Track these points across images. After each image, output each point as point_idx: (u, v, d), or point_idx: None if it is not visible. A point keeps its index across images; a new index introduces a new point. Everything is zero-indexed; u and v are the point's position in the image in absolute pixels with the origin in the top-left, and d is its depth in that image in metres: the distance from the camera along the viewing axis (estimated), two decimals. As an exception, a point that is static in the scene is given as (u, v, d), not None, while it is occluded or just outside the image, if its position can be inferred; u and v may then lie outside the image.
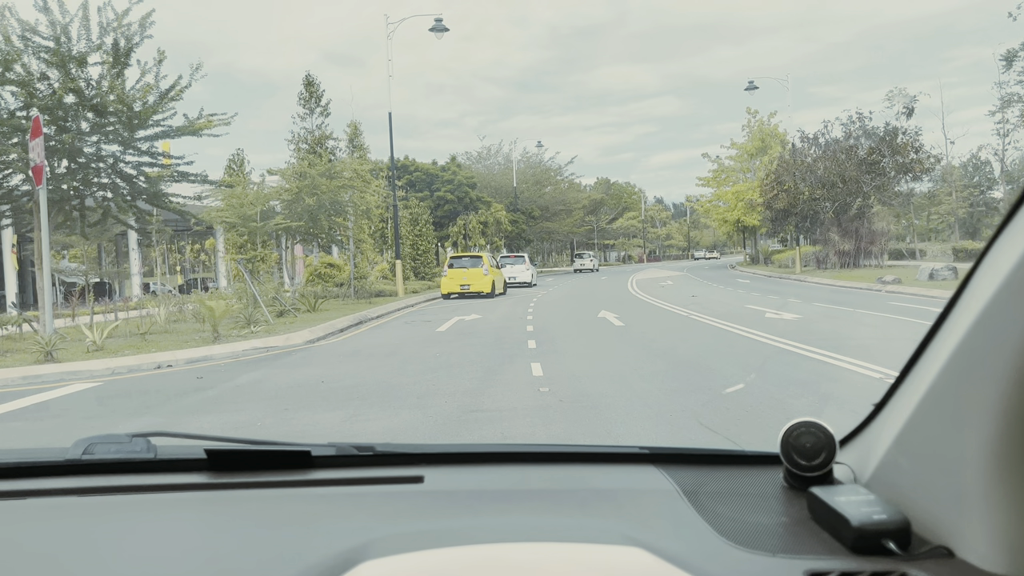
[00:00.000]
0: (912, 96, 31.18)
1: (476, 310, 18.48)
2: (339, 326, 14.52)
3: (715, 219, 57.74)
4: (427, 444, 1.79)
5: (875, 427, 1.11)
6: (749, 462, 1.32)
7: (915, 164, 31.03)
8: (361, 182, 20.33)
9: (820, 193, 32.99)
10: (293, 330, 13.46)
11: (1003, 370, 0.80)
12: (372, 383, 7.80)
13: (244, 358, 10.42)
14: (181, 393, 7.82)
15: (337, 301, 22.46)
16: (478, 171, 52.77)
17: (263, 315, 15.20)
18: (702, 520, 1.08)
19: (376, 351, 10.68)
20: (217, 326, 12.09)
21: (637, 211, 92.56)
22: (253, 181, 19.71)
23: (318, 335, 12.90)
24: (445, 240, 45.59)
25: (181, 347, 11.16)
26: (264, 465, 1.30)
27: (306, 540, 1.02)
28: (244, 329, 13.59)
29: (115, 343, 12.10)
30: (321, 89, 26.11)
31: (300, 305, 18.56)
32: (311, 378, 8.28)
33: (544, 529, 1.05)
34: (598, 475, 1.31)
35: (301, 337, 12.40)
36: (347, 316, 16.42)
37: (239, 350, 10.99)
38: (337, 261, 25.66)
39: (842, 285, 24.46)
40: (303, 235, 19.59)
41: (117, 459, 1.27)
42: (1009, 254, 0.79)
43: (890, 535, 0.92)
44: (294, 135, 25.46)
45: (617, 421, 5.55)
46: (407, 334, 13.13)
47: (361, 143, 25.85)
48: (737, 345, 9.84)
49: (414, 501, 1.18)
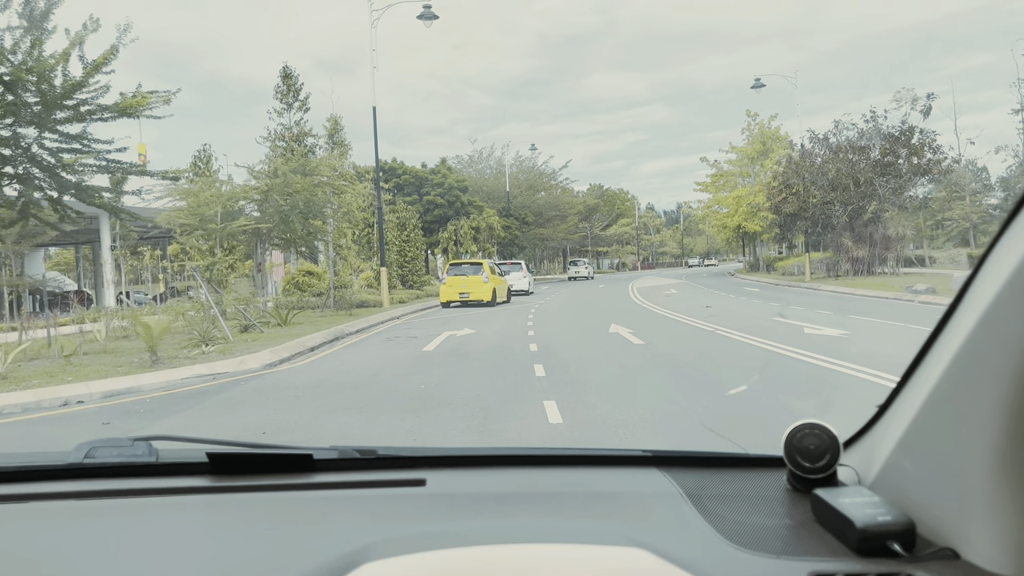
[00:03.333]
0: (929, 93, 29.39)
1: (470, 323, 16.44)
2: (309, 344, 12.43)
3: (714, 225, 55.94)
4: (429, 447, 1.44)
5: (879, 429, 1.10)
6: (752, 464, 1.31)
7: (933, 165, 29.23)
8: (340, 180, 18.26)
9: (832, 196, 31.15)
10: (254, 349, 11.38)
11: (1006, 371, 0.79)
12: (330, 434, 5.76)
13: (178, 390, 8.34)
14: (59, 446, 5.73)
15: (314, 313, 20.33)
16: (469, 175, 50.79)
17: (222, 331, 13.10)
18: (705, 522, 1.07)
19: (345, 380, 8.62)
20: (155, 347, 9.99)
21: (631, 218, 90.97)
22: (221, 180, 17.57)
23: (281, 356, 10.82)
24: (435, 246, 43.52)
25: (108, 374, 9.06)
26: (266, 468, 1.29)
27: (308, 543, 1.02)
28: (195, 349, 11.50)
29: (32, 368, 9.99)
30: (300, 82, 24.07)
31: (271, 318, 16.46)
32: (247, 427, 6.21)
33: (547, 531, 1.05)
34: (601, 478, 1.31)
35: (259, 359, 10.32)
36: (321, 331, 14.33)
37: (176, 379, 8.89)
38: (317, 269, 23.52)
39: (863, 294, 22.57)
40: (275, 239, 17.46)
41: (119, 463, 1.27)
42: (1011, 255, 0.79)
43: (895, 537, 0.91)
44: (270, 132, 23.36)
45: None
46: (387, 355, 11.07)
47: (342, 139, 23.76)
48: (794, 372, 7.88)
49: (416, 504, 1.19)
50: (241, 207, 16.85)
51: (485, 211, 42.65)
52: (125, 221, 12.55)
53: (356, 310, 21.16)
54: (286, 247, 20.68)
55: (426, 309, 22.90)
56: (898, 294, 20.45)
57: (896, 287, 23.40)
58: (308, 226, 17.32)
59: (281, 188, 15.83)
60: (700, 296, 24.89)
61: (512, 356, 10.09)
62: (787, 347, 9.65)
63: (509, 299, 25.88)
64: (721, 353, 9.81)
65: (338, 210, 19.33)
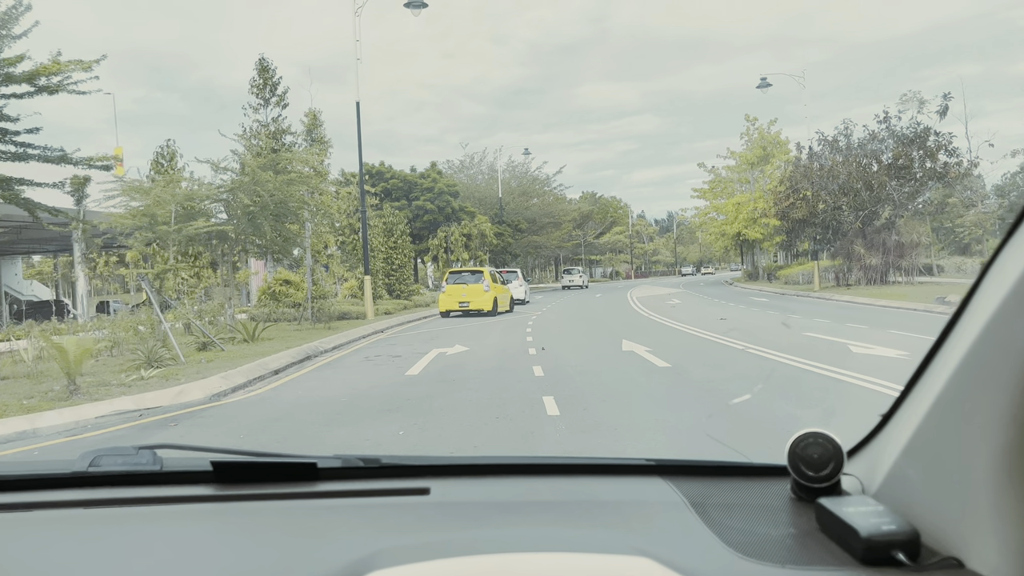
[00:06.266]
0: (945, 93, 27.80)
1: (462, 337, 14.62)
2: (273, 366, 10.57)
3: (712, 232, 54.31)
4: (433, 456, 1.44)
5: (883, 437, 1.10)
6: (756, 473, 1.31)
7: (951, 168, 27.67)
8: (318, 178, 16.43)
9: (843, 201, 29.55)
10: (204, 374, 9.52)
11: (1011, 379, 0.79)
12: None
13: (87, 435, 6.47)
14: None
15: (289, 326, 18.45)
16: (461, 181, 49.02)
17: (173, 350, 11.23)
18: (710, 532, 1.07)
19: (304, 423, 6.78)
20: (74, 374, 8.10)
21: (624, 225, 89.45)
22: (183, 178, 15.66)
23: (234, 383, 8.95)
24: (424, 254, 41.66)
25: (7, 409, 7.18)
26: (270, 477, 1.29)
27: (312, 552, 1.02)
28: (134, 373, 9.63)
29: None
30: (277, 76, 22.22)
31: (238, 332, 14.57)
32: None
33: (551, 540, 1.04)
34: (605, 487, 1.31)
35: (206, 388, 8.45)
36: (292, 349, 12.48)
37: (90, 417, 7.01)
38: (294, 277, 21.61)
39: (884, 305, 20.90)
40: (243, 245, 15.58)
41: (123, 471, 1.26)
42: (1016, 263, 0.79)
43: (899, 546, 0.91)
44: (245, 129, 21.46)
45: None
46: (363, 381, 9.23)
47: (321, 135, 21.89)
48: (876, 406, 6.13)
49: (420, 513, 1.18)
50: (206, 208, 14.96)
51: (477, 217, 40.86)
52: (43, 221, 10.63)
53: (336, 323, 19.29)
54: (260, 254, 18.79)
55: (413, 321, 21.06)
56: (928, 305, 18.80)
57: (917, 297, 21.77)
58: (281, 230, 15.45)
59: (249, 186, 13.97)
60: (706, 306, 23.21)
61: (514, 384, 8.28)
62: (847, 373, 7.91)
63: (512, 308, 24.38)
64: (771, 382, 8.02)
65: (316, 212, 17.45)
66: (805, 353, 9.74)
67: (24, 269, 49.62)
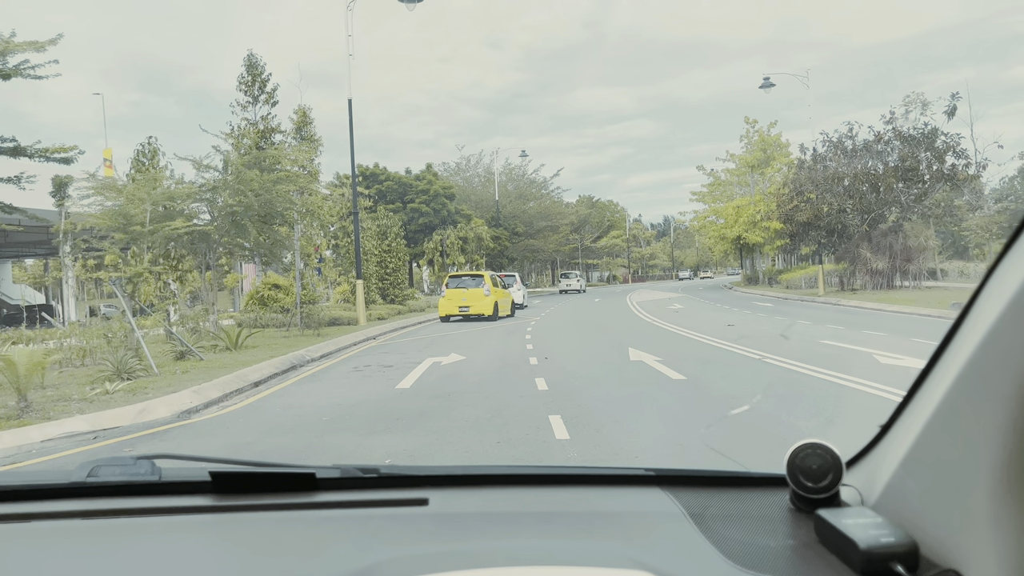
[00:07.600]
0: (954, 94, 27.14)
1: (458, 344, 13.82)
2: (253, 377, 9.75)
3: (711, 236, 53.66)
4: (432, 466, 1.39)
5: (882, 448, 1.08)
6: (755, 484, 1.29)
7: (960, 171, 26.98)
8: (308, 178, 15.62)
9: (849, 204, 28.84)
10: (176, 387, 8.70)
11: (1011, 390, 0.78)
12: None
13: (30, 462, 5.64)
14: None
15: (277, 333, 17.63)
16: (457, 183, 48.25)
17: (146, 360, 10.39)
18: (708, 543, 1.06)
19: (279, 448, 5.96)
20: (24, 390, 7.26)
21: (621, 229, 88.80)
22: (163, 176, 14.81)
23: (207, 398, 8.12)
24: (419, 257, 40.84)
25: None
26: (269, 487, 1.28)
27: (311, 562, 1.01)
28: (101, 386, 8.80)
29: None
30: (267, 73, 21.42)
31: (220, 340, 13.74)
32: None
33: (550, 552, 1.03)
34: (603, 497, 1.30)
35: (174, 404, 7.63)
36: (276, 358, 11.67)
37: (35, 441, 6.17)
38: (283, 282, 20.76)
39: (896, 311, 20.18)
40: (228, 247, 14.74)
41: (122, 481, 1.25)
42: (1016, 273, 0.78)
43: (898, 558, 0.90)
44: (233, 128, 20.62)
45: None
46: (350, 397, 8.42)
47: (312, 134, 21.08)
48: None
49: (419, 523, 1.17)
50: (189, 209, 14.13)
51: (473, 220, 40.08)
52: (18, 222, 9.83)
53: (327, 329, 18.46)
54: (247, 257, 17.96)
55: (407, 327, 20.26)
56: (943, 311, 18.08)
57: (928, 302, 21.07)
58: (268, 232, 14.63)
59: (232, 185, 13.14)
60: (709, 312, 22.46)
61: (515, 400, 7.48)
62: (884, 387, 7.13)
63: (513, 313, 23.70)
64: (798, 396, 7.22)
65: (306, 214, 16.63)
66: (825, 363, 8.99)
67: (18, 273, 48.67)
